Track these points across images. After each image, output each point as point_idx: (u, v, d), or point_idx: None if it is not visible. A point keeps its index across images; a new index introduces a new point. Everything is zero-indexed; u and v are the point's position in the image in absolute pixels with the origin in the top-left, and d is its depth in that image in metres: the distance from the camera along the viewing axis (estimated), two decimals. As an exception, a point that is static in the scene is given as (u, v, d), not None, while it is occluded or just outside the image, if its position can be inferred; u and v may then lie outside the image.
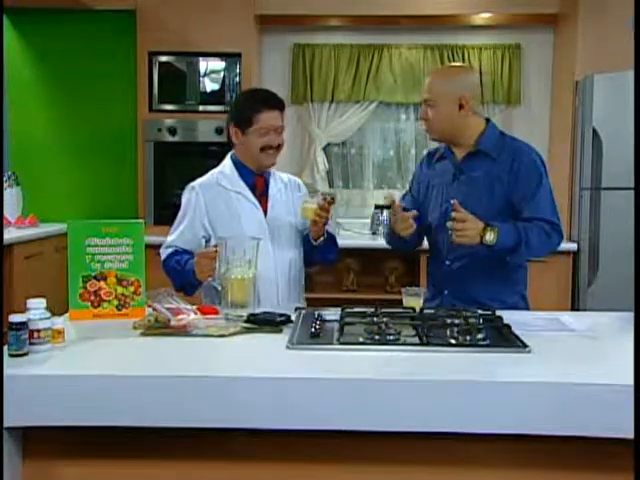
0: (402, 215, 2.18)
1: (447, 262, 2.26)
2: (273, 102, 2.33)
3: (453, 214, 2.06)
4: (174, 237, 2.35)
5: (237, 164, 2.38)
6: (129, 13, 4.21)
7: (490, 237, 2.06)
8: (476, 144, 2.25)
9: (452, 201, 2.10)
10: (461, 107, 2.20)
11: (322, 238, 2.32)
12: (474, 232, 2.06)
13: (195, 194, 2.35)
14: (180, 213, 2.38)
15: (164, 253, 2.36)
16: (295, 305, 2.13)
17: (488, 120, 2.31)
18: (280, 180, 2.46)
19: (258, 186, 2.38)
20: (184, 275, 2.22)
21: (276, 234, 2.33)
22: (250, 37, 4.24)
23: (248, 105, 2.33)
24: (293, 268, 2.39)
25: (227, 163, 2.41)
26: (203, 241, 2.34)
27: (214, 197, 2.34)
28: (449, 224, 2.08)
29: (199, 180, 2.40)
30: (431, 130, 2.28)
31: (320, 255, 2.43)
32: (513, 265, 2.25)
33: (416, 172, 2.48)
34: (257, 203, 2.35)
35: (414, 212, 2.20)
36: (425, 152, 2.60)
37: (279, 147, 2.35)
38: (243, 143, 2.34)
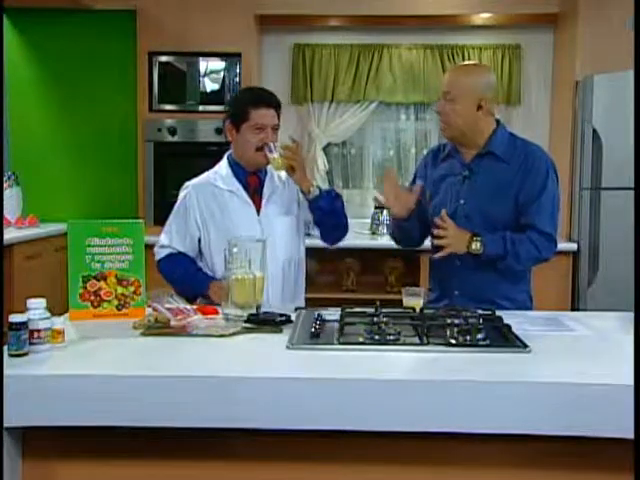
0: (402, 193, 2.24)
1: (458, 262, 2.22)
2: (269, 99, 2.33)
3: (439, 222, 2.14)
4: (169, 237, 2.37)
5: (232, 164, 2.38)
6: (129, 13, 4.21)
7: (476, 246, 2.14)
8: (486, 145, 2.23)
9: (443, 211, 2.16)
10: (479, 108, 2.19)
11: (313, 189, 2.30)
12: (459, 242, 2.14)
13: (188, 193, 2.37)
14: (173, 212, 2.40)
15: (159, 253, 2.39)
16: (287, 305, 2.12)
17: (498, 121, 2.28)
18: (278, 179, 2.42)
19: (251, 184, 2.37)
20: (195, 289, 2.28)
21: (269, 232, 2.29)
22: (250, 37, 4.24)
23: (244, 101, 2.33)
24: (287, 268, 2.36)
25: (223, 163, 2.41)
26: (197, 241, 2.35)
27: (207, 196, 2.35)
28: (436, 232, 2.16)
29: (193, 180, 2.41)
30: (447, 125, 2.23)
31: (328, 217, 2.35)
32: None
33: (419, 170, 2.43)
34: (250, 201, 2.35)
35: (417, 187, 2.26)
36: (429, 149, 2.57)
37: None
38: (237, 141, 2.34)
